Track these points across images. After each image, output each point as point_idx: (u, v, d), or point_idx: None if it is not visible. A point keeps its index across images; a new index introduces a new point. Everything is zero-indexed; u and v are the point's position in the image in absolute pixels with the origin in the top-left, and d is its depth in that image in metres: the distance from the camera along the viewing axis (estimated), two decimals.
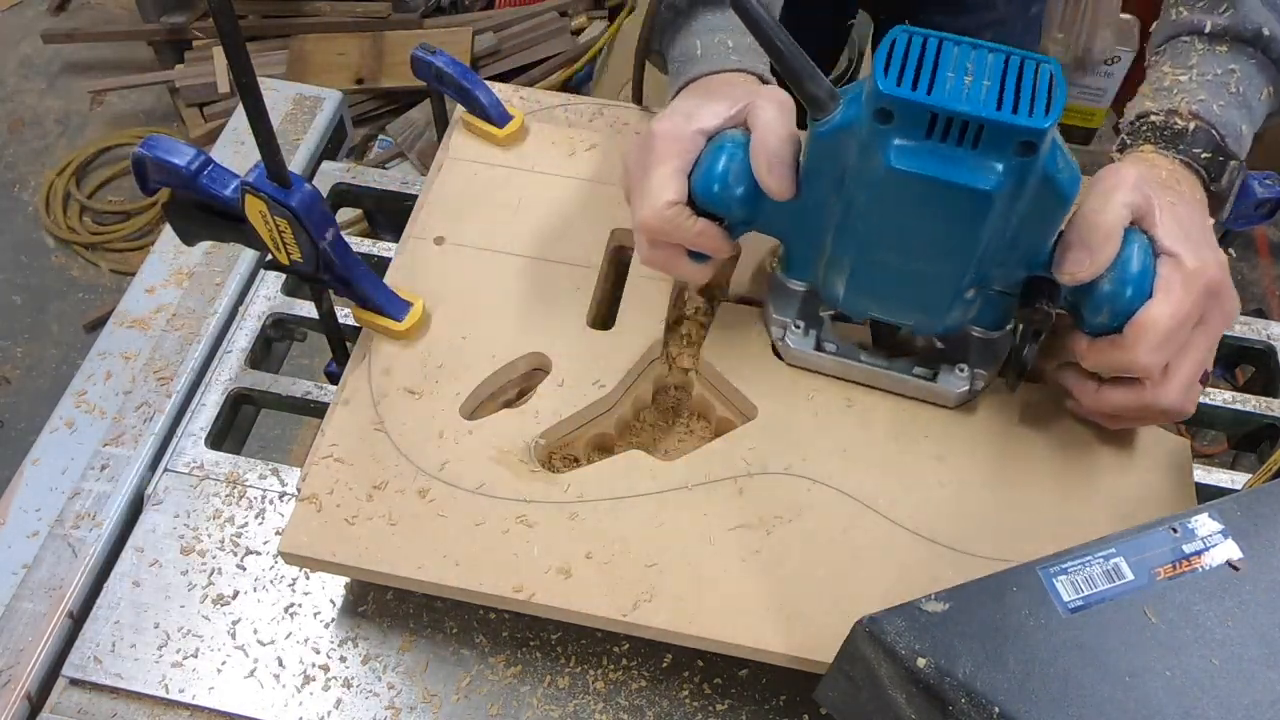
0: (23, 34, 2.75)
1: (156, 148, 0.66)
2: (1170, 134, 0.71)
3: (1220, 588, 0.55)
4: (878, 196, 0.60)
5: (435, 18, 2.53)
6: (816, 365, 0.74)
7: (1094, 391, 0.68)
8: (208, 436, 0.82)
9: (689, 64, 0.75)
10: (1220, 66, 0.72)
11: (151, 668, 0.71)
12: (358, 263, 0.73)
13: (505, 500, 0.69)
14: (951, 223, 0.60)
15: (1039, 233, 0.62)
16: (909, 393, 0.73)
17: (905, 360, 0.73)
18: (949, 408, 0.73)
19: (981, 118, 0.55)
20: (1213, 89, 0.71)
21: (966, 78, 0.56)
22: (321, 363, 0.86)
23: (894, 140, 0.57)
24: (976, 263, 0.63)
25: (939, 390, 0.72)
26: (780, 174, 0.63)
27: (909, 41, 0.57)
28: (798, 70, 0.60)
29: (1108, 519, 0.69)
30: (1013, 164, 0.57)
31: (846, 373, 0.74)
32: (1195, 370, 0.65)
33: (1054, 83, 0.57)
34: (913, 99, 0.55)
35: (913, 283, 0.65)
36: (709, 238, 0.67)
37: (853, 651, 0.57)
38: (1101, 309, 0.63)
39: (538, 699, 0.71)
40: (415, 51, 0.86)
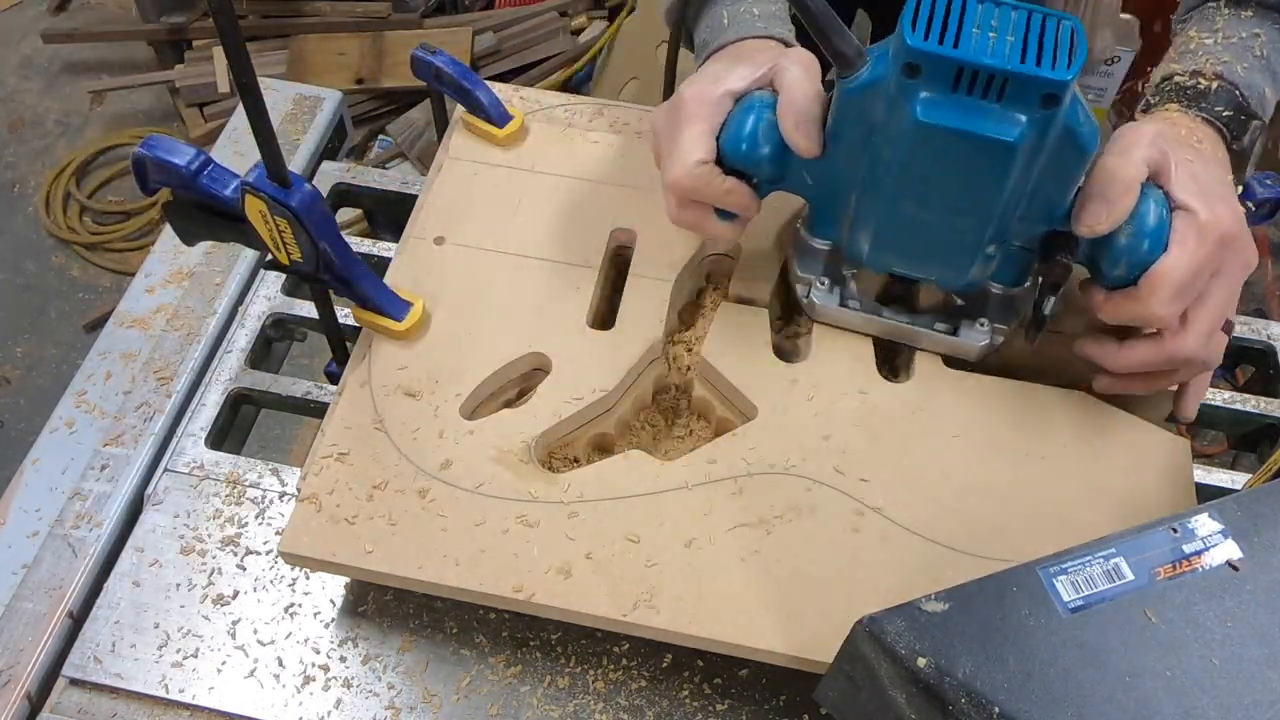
0: (23, 34, 2.75)
1: (156, 148, 0.66)
2: (1193, 93, 0.72)
3: (1220, 588, 0.55)
4: (904, 151, 0.62)
5: (435, 18, 2.53)
6: (841, 320, 0.76)
7: (1116, 351, 0.69)
8: (208, 436, 0.82)
9: (716, 33, 0.77)
10: (1245, 30, 0.74)
11: (151, 668, 0.71)
12: (358, 263, 0.73)
13: (505, 500, 0.69)
14: (976, 175, 0.61)
15: (1059, 186, 0.63)
16: (931, 346, 0.75)
17: (927, 315, 0.75)
18: (970, 360, 0.75)
19: (1007, 70, 0.57)
20: (1237, 52, 0.73)
21: (991, 33, 0.58)
22: (321, 363, 0.86)
23: (921, 94, 0.59)
24: (999, 216, 0.64)
25: (960, 344, 0.74)
26: (807, 131, 0.64)
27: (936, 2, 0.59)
28: (826, 27, 0.61)
29: (1108, 519, 0.69)
30: (1036, 116, 0.58)
31: (870, 327, 0.76)
32: (1215, 318, 0.66)
33: (1075, 37, 0.58)
34: (940, 53, 0.57)
35: (937, 236, 0.67)
36: (738, 195, 0.68)
37: (853, 651, 0.57)
38: (1119, 262, 0.64)
39: (538, 699, 0.71)
40: (415, 51, 0.86)
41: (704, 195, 0.68)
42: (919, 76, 0.59)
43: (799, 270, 0.76)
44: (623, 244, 0.83)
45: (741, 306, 0.79)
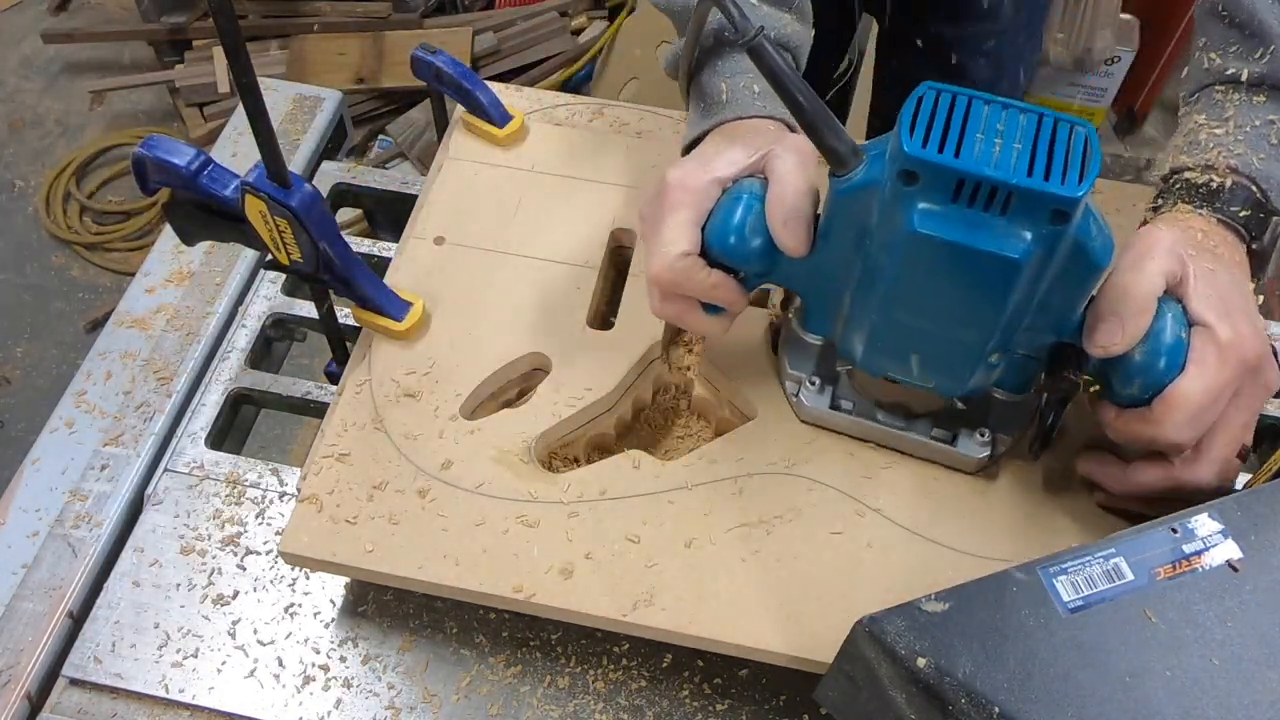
0: (23, 34, 2.75)
1: (156, 148, 0.66)
2: (1206, 191, 0.66)
3: (1220, 588, 0.55)
4: (900, 259, 0.57)
5: (435, 18, 2.53)
6: (830, 424, 0.72)
7: (1121, 474, 0.66)
8: (208, 436, 0.82)
9: (714, 108, 0.71)
10: (1259, 117, 0.67)
11: (151, 668, 0.71)
12: (358, 263, 0.73)
13: (505, 500, 0.69)
14: (977, 289, 0.57)
15: (1069, 300, 0.60)
16: (927, 455, 0.71)
17: (923, 421, 0.70)
18: (968, 472, 0.71)
19: (1011, 184, 0.52)
20: (1252, 141, 0.67)
21: (996, 140, 0.53)
22: (321, 363, 0.86)
23: (919, 203, 0.55)
24: (1002, 329, 0.60)
25: (958, 455, 0.69)
26: (795, 229, 0.60)
27: (936, 99, 0.55)
28: (818, 124, 0.58)
29: (1108, 519, 0.69)
30: (1044, 232, 0.54)
31: (862, 432, 0.72)
32: (1230, 446, 0.62)
33: (1088, 147, 0.53)
34: (939, 162, 0.53)
35: (934, 346, 0.62)
36: (723, 290, 0.64)
37: (853, 651, 0.57)
38: (1132, 381, 0.60)
39: (538, 699, 0.71)
40: (415, 51, 0.86)
41: (687, 289, 0.64)
42: (917, 184, 0.54)
43: (789, 367, 0.72)
44: (623, 244, 0.83)
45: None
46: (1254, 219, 0.66)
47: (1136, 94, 2.37)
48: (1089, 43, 2.18)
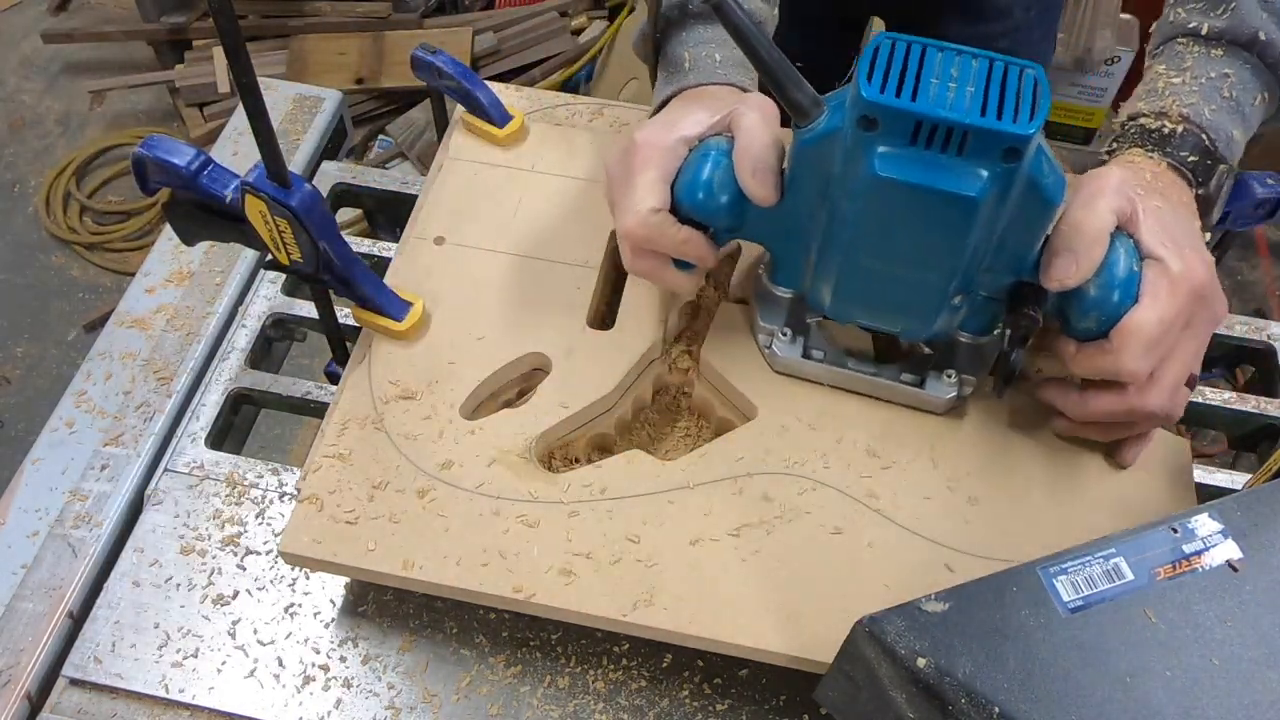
0: (23, 34, 2.75)
1: (156, 148, 0.66)
2: (1158, 137, 0.69)
3: (1220, 588, 0.55)
4: (863, 204, 0.59)
5: (435, 18, 2.53)
6: (803, 372, 0.74)
7: (1078, 400, 0.68)
8: (208, 436, 0.82)
9: (677, 75, 0.74)
10: (1215, 70, 0.71)
11: (151, 668, 0.71)
12: (358, 263, 0.73)
13: (505, 500, 0.69)
14: (937, 230, 0.59)
15: (1025, 238, 0.62)
16: (897, 399, 0.73)
17: (893, 367, 0.73)
18: (937, 414, 0.73)
19: (966, 124, 0.54)
20: (1206, 93, 0.70)
21: (950, 84, 0.56)
22: (321, 363, 0.86)
23: (878, 147, 0.57)
24: (963, 269, 0.62)
25: (926, 396, 0.72)
26: (764, 179, 0.62)
27: (893, 48, 0.57)
28: (780, 76, 0.59)
29: (1108, 519, 0.69)
30: (998, 170, 0.56)
31: (833, 379, 0.73)
32: (1182, 374, 0.65)
33: (1038, 88, 0.56)
34: (896, 106, 0.55)
35: (899, 289, 0.65)
36: (693, 245, 0.66)
37: (853, 651, 0.57)
38: (1088, 314, 0.62)
39: (538, 699, 0.71)
40: (415, 51, 0.86)
41: (658, 245, 0.66)
42: (876, 129, 0.56)
43: (760, 320, 0.74)
44: None
45: (741, 306, 0.78)
46: (1201, 165, 0.69)
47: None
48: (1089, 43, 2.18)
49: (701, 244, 0.66)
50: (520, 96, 0.93)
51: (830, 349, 0.73)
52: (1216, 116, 0.69)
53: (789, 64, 0.59)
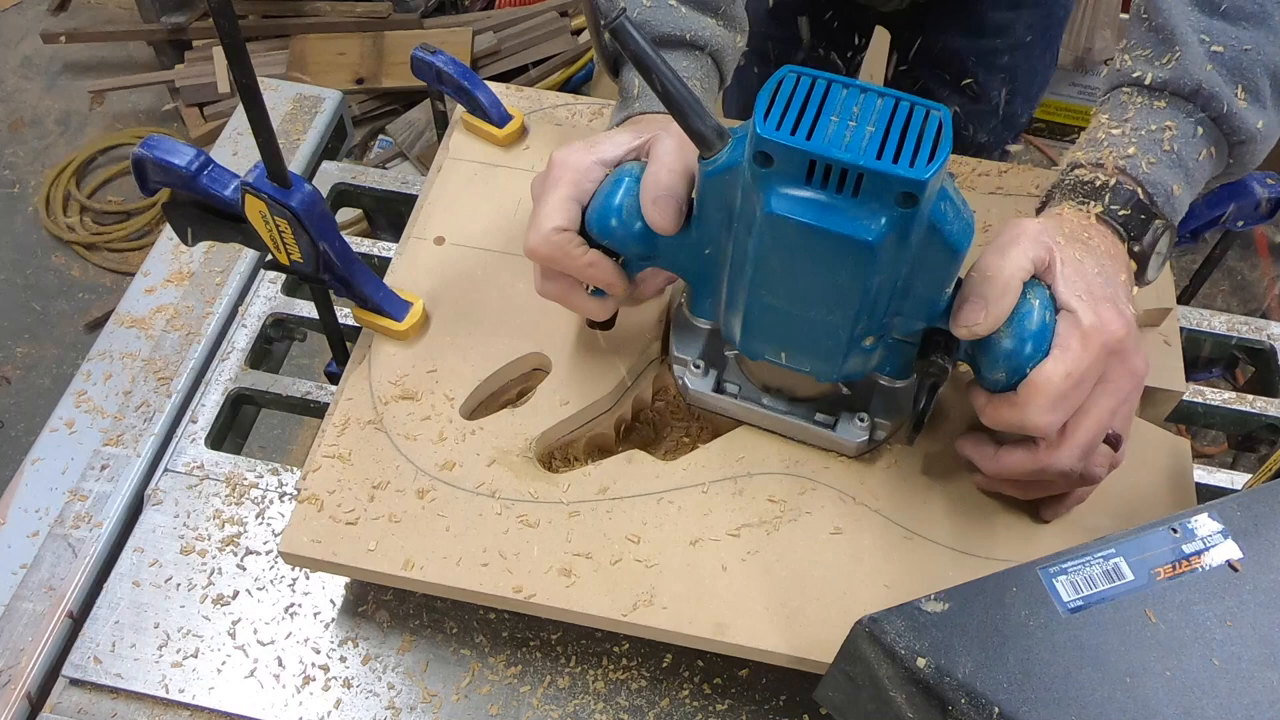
0: (23, 34, 2.75)
1: (156, 148, 0.66)
2: (1092, 188, 0.67)
3: (1220, 588, 0.55)
4: (760, 241, 0.58)
5: (435, 18, 2.53)
6: (714, 406, 0.72)
7: (992, 456, 0.66)
8: (208, 436, 0.82)
9: (625, 102, 0.74)
10: (1156, 122, 0.67)
11: (151, 668, 0.71)
12: (358, 263, 0.73)
13: (505, 500, 0.69)
14: (834, 272, 0.57)
15: (932, 284, 0.60)
16: (809, 440, 0.71)
17: (806, 405, 0.71)
18: (849, 456, 0.71)
19: (860, 166, 0.52)
20: (1145, 145, 0.67)
21: (850, 123, 0.54)
22: (321, 363, 0.86)
23: (775, 185, 0.55)
24: (867, 312, 0.60)
25: (837, 439, 0.70)
26: (665, 208, 0.60)
27: (796, 82, 0.55)
28: (682, 106, 0.57)
29: (1108, 519, 0.69)
30: (894, 215, 0.54)
31: (744, 415, 0.72)
32: (1095, 432, 0.62)
33: (941, 132, 0.53)
34: (791, 144, 0.53)
35: (804, 329, 0.62)
36: (600, 270, 0.64)
37: (853, 651, 0.57)
38: (998, 365, 0.60)
39: (538, 699, 0.71)
40: (415, 51, 0.86)
41: (563, 265, 0.64)
42: (772, 166, 0.54)
43: (676, 350, 0.72)
44: None
45: None
46: (1134, 219, 0.66)
47: None
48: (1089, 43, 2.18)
49: (609, 270, 0.65)
50: (520, 96, 0.93)
51: (746, 384, 0.72)
52: (1155, 170, 0.66)
53: (693, 94, 0.57)
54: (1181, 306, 0.90)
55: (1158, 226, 0.66)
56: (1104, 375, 0.61)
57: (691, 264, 0.66)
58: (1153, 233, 0.66)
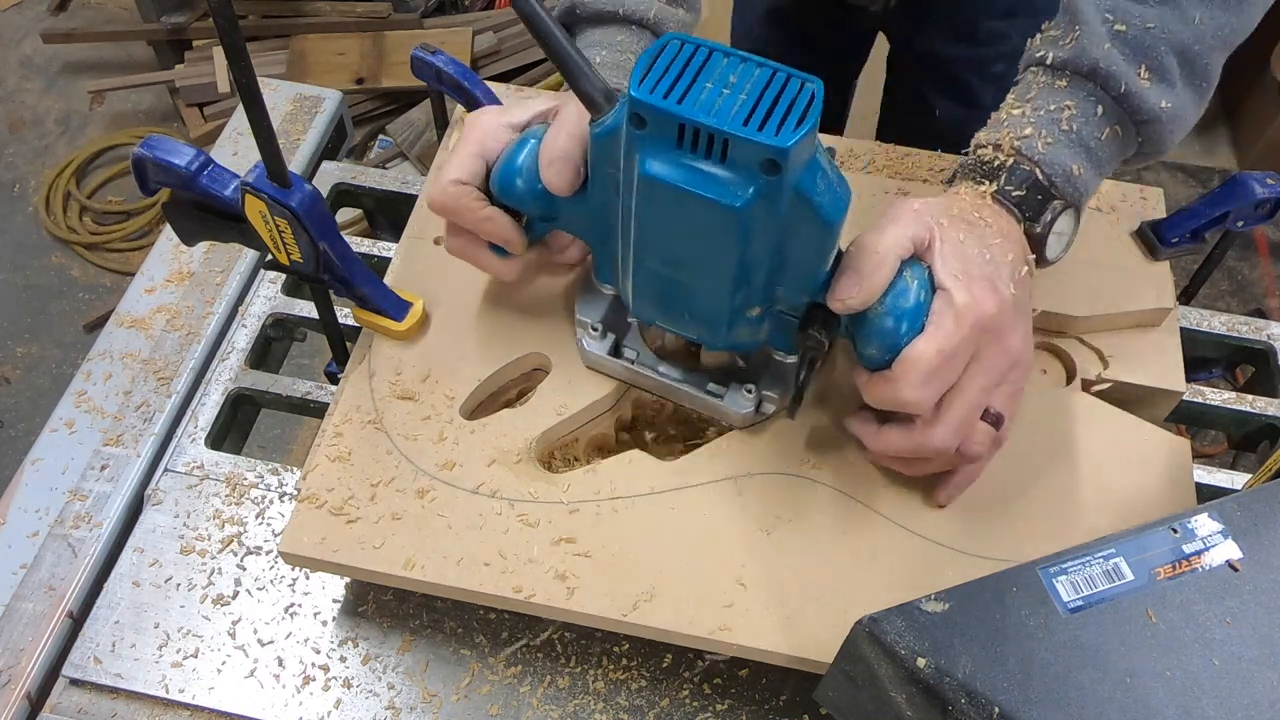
0: (23, 34, 2.75)
1: (156, 148, 0.66)
2: (989, 169, 0.67)
3: (1220, 588, 0.55)
4: (639, 202, 0.59)
5: (435, 18, 2.53)
6: (608, 370, 0.74)
7: (875, 433, 0.66)
8: (208, 436, 0.82)
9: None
10: (1055, 101, 0.67)
11: (151, 668, 0.71)
12: (358, 263, 0.73)
13: (505, 500, 0.69)
14: (706, 237, 0.58)
15: (807, 256, 0.60)
16: (697, 408, 0.73)
17: (700, 375, 0.72)
18: (737, 427, 0.72)
19: (726, 131, 0.53)
20: (1043, 125, 0.67)
21: (724, 90, 0.54)
22: (321, 363, 0.86)
23: (648, 147, 0.56)
24: (745, 281, 0.61)
25: (724, 409, 0.71)
26: (560, 170, 0.62)
27: (680, 48, 0.56)
28: (571, 68, 0.59)
29: (1108, 519, 0.69)
30: (760, 182, 0.55)
31: (636, 380, 0.73)
32: (970, 410, 0.62)
33: (812, 102, 0.54)
34: (661, 107, 0.54)
35: (685, 295, 0.64)
36: (497, 225, 0.67)
37: (853, 651, 0.57)
38: (873, 341, 0.61)
39: (538, 699, 0.71)
40: (415, 51, 0.85)
41: (460, 218, 0.67)
42: (645, 128, 0.56)
43: (579, 313, 0.73)
44: None
45: None
46: (1029, 199, 0.66)
47: None
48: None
49: (506, 225, 0.67)
50: (520, 97, 0.93)
51: (644, 351, 0.73)
52: (1052, 150, 0.66)
53: (582, 55, 0.59)
54: (1181, 306, 0.90)
55: (1056, 206, 0.67)
56: (977, 353, 0.61)
57: (590, 227, 0.68)
58: (1051, 212, 0.66)
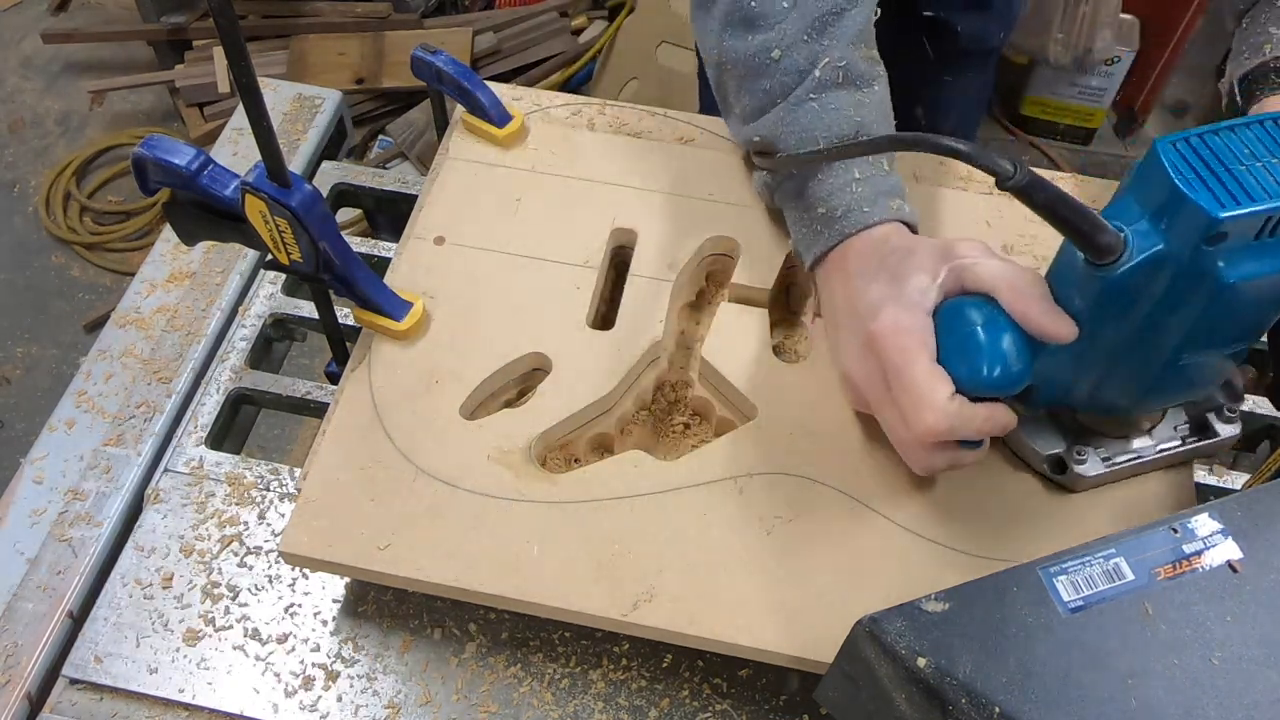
0: (23, 34, 2.75)
1: (156, 148, 0.66)
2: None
3: (1220, 588, 0.55)
4: (1203, 310, 0.58)
5: (435, 18, 2.53)
6: (1110, 479, 0.71)
7: None
8: (208, 436, 0.82)
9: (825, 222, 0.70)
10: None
11: (151, 668, 0.71)
12: (358, 263, 0.73)
13: (505, 500, 0.69)
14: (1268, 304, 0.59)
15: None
16: (1191, 458, 0.72)
17: (1163, 426, 0.71)
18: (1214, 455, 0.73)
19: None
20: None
21: (1259, 163, 0.55)
22: (321, 363, 0.86)
23: (1227, 255, 0.55)
24: None
25: (1220, 443, 0.71)
26: (1061, 316, 0.60)
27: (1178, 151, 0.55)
28: (1089, 227, 0.56)
29: (1108, 519, 0.69)
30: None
31: (1138, 471, 0.71)
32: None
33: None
34: (1247, 212, 0.53)
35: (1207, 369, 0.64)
36: (997, 419, 0.62)
37: (853, 651, 0.57)
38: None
39: (538, 699, 0.71)
40: (415, 51, 0.85)
41: (963, 432, 0.61)
42: (1225, 240, 0.54)
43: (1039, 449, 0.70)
44: (623, 244, 0.83)
45: (741, 306, 0.78)
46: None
47: (1136, 94, 2.37)
48: (1089, 43, 2.18)
49: (1004, 413, 0.63)
50: (520, 96, 0.93)
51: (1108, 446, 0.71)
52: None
53: (1088, 209, 0.56)
54: None
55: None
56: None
57: (1063, 368, 0.64)
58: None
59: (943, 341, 0.62)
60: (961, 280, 0.62)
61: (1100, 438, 0.71)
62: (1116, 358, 0.63)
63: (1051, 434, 0.71)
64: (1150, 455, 0.71)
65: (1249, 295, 0.57)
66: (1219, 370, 0.66)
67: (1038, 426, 0.71)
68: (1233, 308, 0.58)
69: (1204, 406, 0.72)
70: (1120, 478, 0.71)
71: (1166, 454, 0.71)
